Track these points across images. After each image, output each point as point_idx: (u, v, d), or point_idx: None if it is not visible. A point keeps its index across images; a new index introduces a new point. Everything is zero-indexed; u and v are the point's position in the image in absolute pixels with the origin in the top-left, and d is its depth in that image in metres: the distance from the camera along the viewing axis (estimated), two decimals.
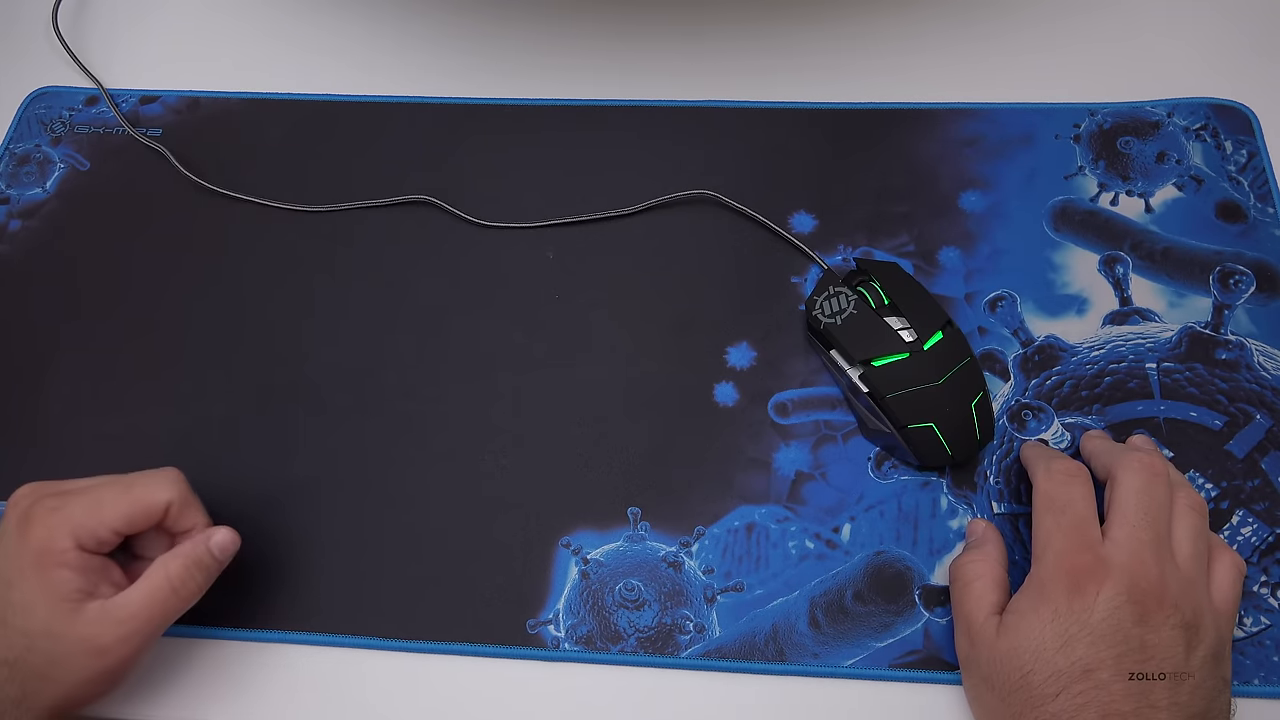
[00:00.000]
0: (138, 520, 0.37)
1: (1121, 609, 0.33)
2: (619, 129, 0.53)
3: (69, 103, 0.56)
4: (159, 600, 0.36)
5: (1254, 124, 0.50)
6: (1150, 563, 0.34)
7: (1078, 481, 0.37)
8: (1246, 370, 0.44)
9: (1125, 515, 0.36)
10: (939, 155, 0.51)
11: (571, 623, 0.41)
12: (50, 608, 0.35)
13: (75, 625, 0.35)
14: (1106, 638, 0.33)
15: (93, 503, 0.36)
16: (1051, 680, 0.33)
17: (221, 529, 0.38)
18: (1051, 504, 0.37)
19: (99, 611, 0.35)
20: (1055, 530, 0.36)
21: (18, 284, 0.50)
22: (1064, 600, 0.34)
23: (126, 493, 0.37)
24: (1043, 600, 0.35)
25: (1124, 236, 0.48)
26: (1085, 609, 0.34)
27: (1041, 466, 0.39)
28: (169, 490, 0.37)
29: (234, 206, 0.52)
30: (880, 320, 0.43)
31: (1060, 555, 0.35)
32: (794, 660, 0.40)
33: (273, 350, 0.48)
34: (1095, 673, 0.33)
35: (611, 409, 0.45)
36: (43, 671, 0.35)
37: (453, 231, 0.50)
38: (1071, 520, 0.36)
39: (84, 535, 0.36)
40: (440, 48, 0.57)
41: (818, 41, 0.55)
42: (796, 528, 0.42)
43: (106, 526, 0.36)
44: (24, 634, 0.35)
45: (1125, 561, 0.34)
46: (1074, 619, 0.34)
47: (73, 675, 0.35)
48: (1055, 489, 0.37)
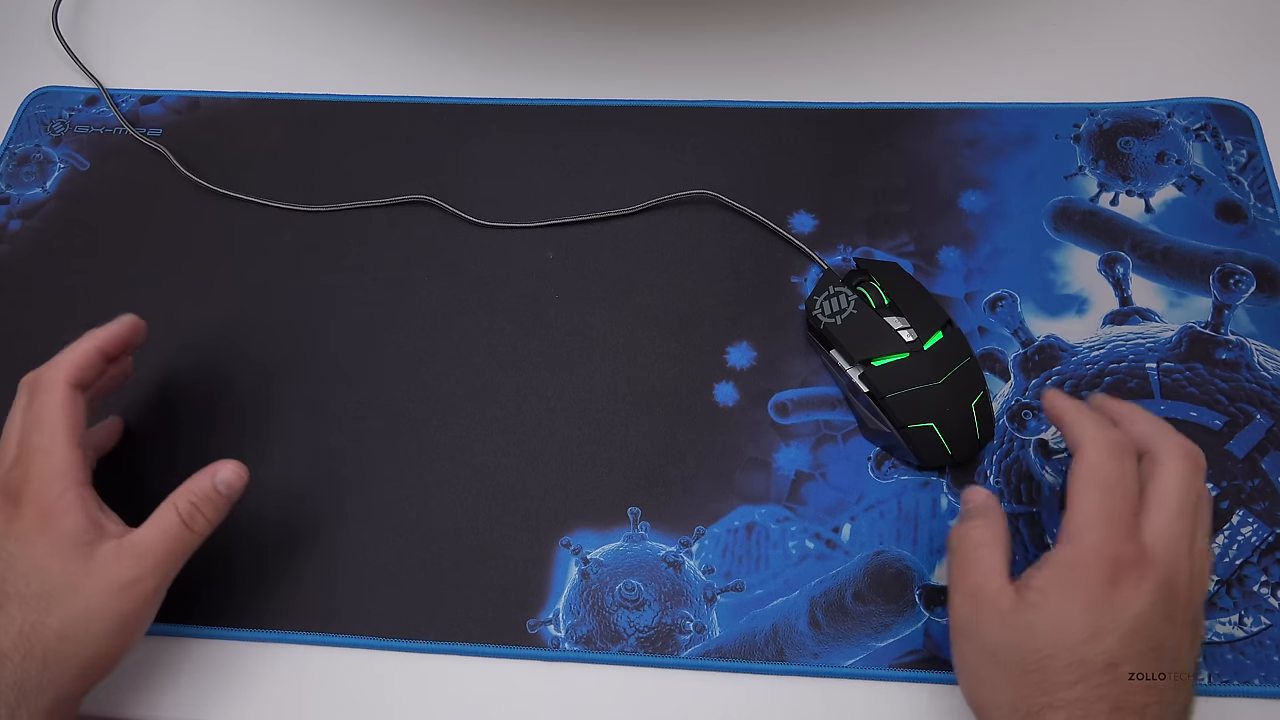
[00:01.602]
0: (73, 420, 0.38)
1: (1155, 606, 0.32)
2: (619, 129, 0.53)
3: (69, 103, 0.56)
4: (173, 534, 0.37)
5: (1254, 124, 0.50)
6: (1183, 559, 0.33)
7: (1129, 458, 0.35)
8: (1246, 370, 0.44)
9: (1168, 506, 0.34)
10: (939, 155, 0.51)
11: (571, 623, 0.41)
12: (63, 559, 0.35)
13: (93, 568, 0.35)
14: (1136, 634, 0.32)
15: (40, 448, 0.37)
16: (1072, 668, 0.32)
17: (227, 464, 0.39)
18: (1101, 480, 0.34)
19: (115, 549, 0.36)
20: (1100, 511, 0.34)
21: (18, 284, 0.50)
22: (1100, 591, 0.33)
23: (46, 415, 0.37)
24: (1076, 586, 0.33)
25: (1124, 236, 0.48)
26: (1122, 604, 0.32)
27: (1089, 432, 0.35)
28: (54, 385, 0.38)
29: (234, 206, 0.52)
30: (880, 320, 0.43)
31: (1103, 541, 0.33)
32: (794, 660, 0.40)
33: (272, 350, 0.48)
34: (1119, 667, 0.32)
35: (611, 409, 0.45)
36: (63, 632, 0.35)
37: (453, 231, 0.50)
38: (1119, 504, 0.34)
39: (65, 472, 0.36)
40: (440, 48, 0.57)
41: (817, 41, 0.55)
42: (796, 528, 0.42)
43: (65, 450, 0.37)
44: (39, 597, 0.35)
45: (1165, 557, 0.33)
46: (1108, 613, 0.32)
47: (97, 624, 0.35)
48: (1107, 463, 0.34)
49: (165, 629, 0.41)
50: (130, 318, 0.41)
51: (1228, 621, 0.39)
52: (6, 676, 0.34)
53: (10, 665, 0.34)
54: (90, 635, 0.35)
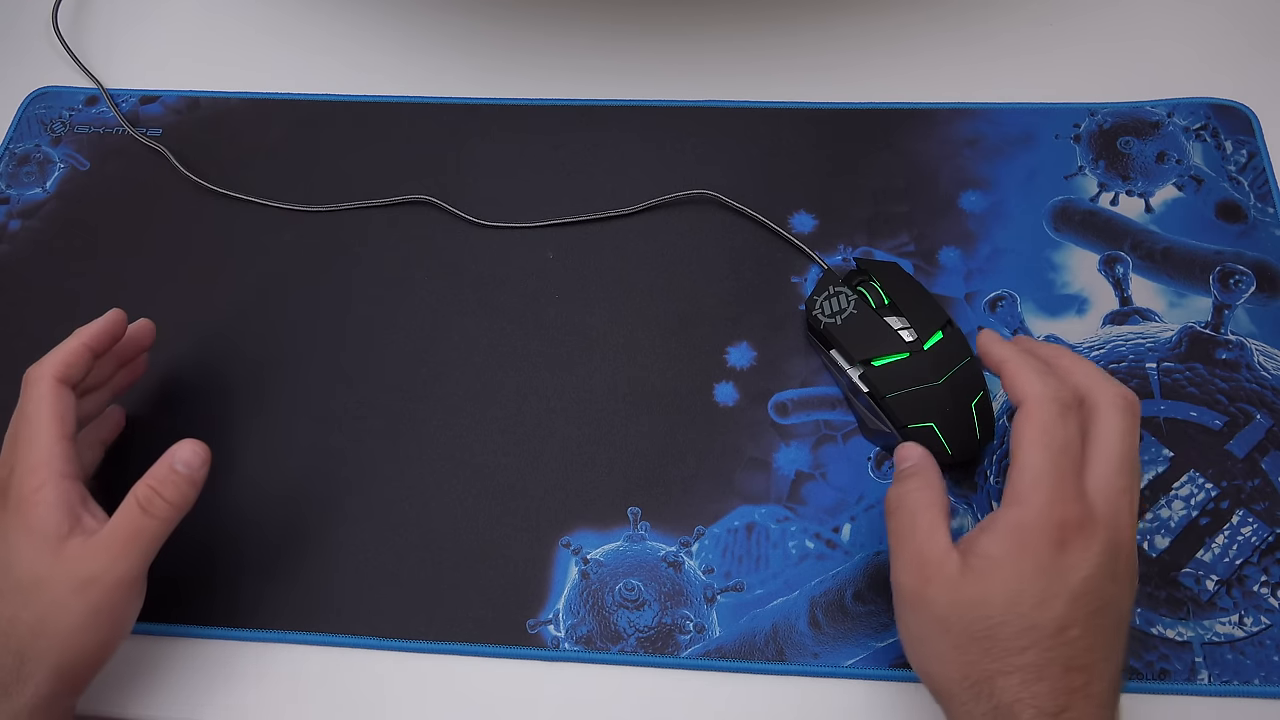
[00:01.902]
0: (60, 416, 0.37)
1: (1102, 568, 0.32)
2: (619, 129, 0.53)
3: (69, 103, 0.56)
4: (134, 523, 0.36)
5: (1254, 124, 0.50)
6: (1125, 514, 0.33)
7: (1074, 415, 0.34)
8: (1246, 370, 0.44)
9: (1111, 459, 0.33)
10: (939, 155, 0.51)
11: (571, 623, 0.41)
12: (34, 552, 0.35)
13: (60, 563, 0.35)
14: (1084, 596, 0.32)
15: (24, 440, 0.37)
16: (1023, 634, 0.32)
17: (186, 444, 0.38)
18: (1049, 440, 0.33)
19: (81, 544, 0.35)
20: (1049, 473, 0.33)
21: (18, 284, 0.50)
22: (1050, 555, 0.32)
23: (32, 417, 0.37)
24: (1025, 550, 0.32)
25: (1124, 236, 0.48)
26: (1071, 568, 0.32)
27: (1035, 388, 0.34)
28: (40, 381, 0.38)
29: (234, 206, 0.52)
30: (880, 320, 0.43)
31: (1051, 504, 0.32)
32: (794, 660, 0.40)
33: (272, 350, 0.48)
34: (1068, 630, 0.32)
35: (611, 409, 0.45)
36: (35, 628, 0.34)
37: (453, 231, 0.50)
38: (1067, 463, 0.33)
39: (49, 465, 0.36)
40: (440, 48, 0.57)
41: (817, 41, 0.55)
42: (796, 528, 0.42)
43: (51, 443, 0.37)
44: (13, 591, 0.35)
45: (1109, 515, 0.33)
46: (1057, 577, 0.32)
47: (64, 621, 0.35)
48: (1054, 422, 0.33)
49: (165, 629, 0.41)
50: (116, 312, 0.41)
51: (1228, 621, 0.39)
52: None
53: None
54: (61, 632, 0.35)
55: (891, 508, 0.36)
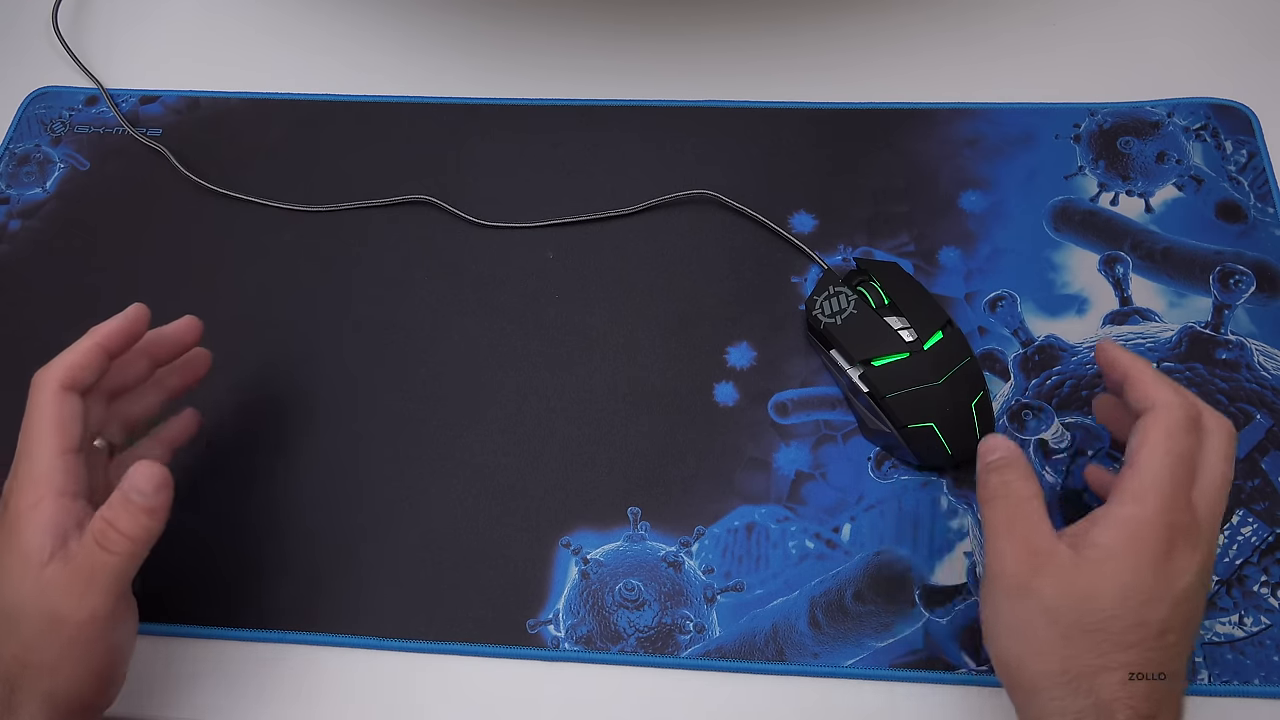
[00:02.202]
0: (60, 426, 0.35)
1: (1200, 576, 0.33)
2: (619, 129, 0.53)
3: (69, 103, 0.56)
4: (90, 561, 0.33)
5: (1254, 124, 0.50)
6: (1217, 530, 0.34)
7: (1195, 429, 0.34)
8: (1246, 370, 0.44)
9: (1215, 477, 0.34)
10: (939, 155, 0.51)
11: (571, 623, 0.41)
12: (19, 577, 0.33)
13: (36, 593, 0.33)
14: (1183, 604, 0.32)
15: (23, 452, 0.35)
16: (1132, 630, 0.32)
17: (138, 469, 0.35)
18: (1173, 445, 0.33)
19: (54, 574, 0.33)
20: (1170, 475, 0.33)
21: (18, 284, 0.50)
22: (1160, 555, 0.32)
23: (30, 426, 0.36)
24: (1138, 547, 0.32)
25: (1124, 236, 0.48)
26: (1179, 571, 0.32)
27: (1168, 395, 0.34)
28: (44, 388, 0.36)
29: (234, 206, 0.52)
30: (880, 320, 0.43)
31: (1167, 506, 0.32)
32: (794, 660, 0.40)
33: (272, 350, 0.48)
34: (1168, 634, 0.32)
35: (611, 409, 0.45)
36: (21, 657, 0.33)
37: (453, 231, 0.50)
38: (1187, 471, 0.33)
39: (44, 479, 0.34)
40: (440, 48, 0.57)
41: (817, 41, 0.55)
42: (796, 528, 0.42)
43: (49, 456, 0.35)
44: (17, 616, 0.33)
45: (1209, 527, 0.33)
46: (1164, 581, 0.32)
47: (44, 656, 0.33)
48: (1183, 432, 0.34)
49: (164, 629, 0.41)
50: (137, 308, 0.39)
51: (1228, 621, 0.39)
52: None
53: None
54: (44, 665, 0.33)
55: (990, 496, 0.35)
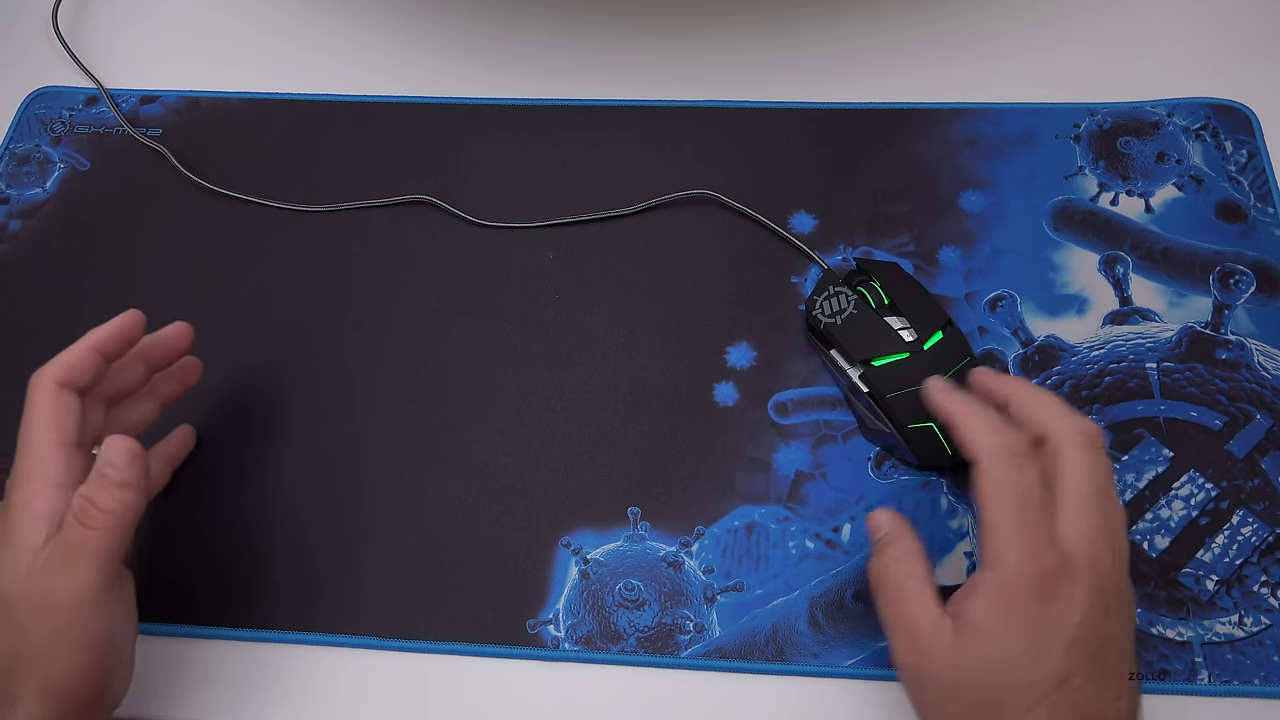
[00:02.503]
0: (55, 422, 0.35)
1: (1092, 608, 0.32)
2: (619, 129, 0.53)
3: (69, 103, 0.56)
4: (72, 539, 0.34)
5: (1254, 124, 0.50)
6: (1105, 551, 0.33)
7: (1030, 463, 0.34)
8: (1246, 370, 0.44)
9: (1079, 502, 0.33)
10: (939, 155, 0.51)
11: (571, 623, 0.41)
12: (14, 568, 0.33)
13: (31, 580, 0.33)
14: (1079, 642, 0.32)
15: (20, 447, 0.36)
16: (1026, 694, 0.31)
17: (109, 441, 0.35)
18: (1009, 494, 0.33)
19: (39, 561, 0.33)
20: (1018, 527, 0.32)
21: (18, 284, 0.50)
22: (1036, 610, 0.32)
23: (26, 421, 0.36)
24: (1011, 612, 0.32)
25: (1124, 236, 0.48)
26: (1059, 616, 0.32)
27: (984, 441, 0.34)
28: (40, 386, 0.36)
29: (234, 206, 0.52)
30: (880, 320, 0.43)
31: (1026, 558, 0.32)
32: (794, 660, 0.40)
33: (272, 350, 0.48)
34: (1070, 680, 0.31)
35: (611, 409, 0.45)
36: (13, 648, 0.33)
37: (453, 231, 0.50)
38: (1033, 515, 0.33)
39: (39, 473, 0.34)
40: (440, 48, 0.57)
41: (817, 41, 0.55)
42: (796, 528, 0.42)
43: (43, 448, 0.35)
44: (10, 606, 0.33)
45: (1086, 556, 0.32)
46: (1048, 629, 0.32)
47: (34, 644, 0.33)
48: (1010, 474, 0.33)
49: (164, 629, 0.41)
50: (132, 314, 0.39)
51: (1228, 621, 0.39)
52: None
53: None
54: (35, 655, 0.33)
55: (875, 583, 0.36)
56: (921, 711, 0.35)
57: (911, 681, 0.34)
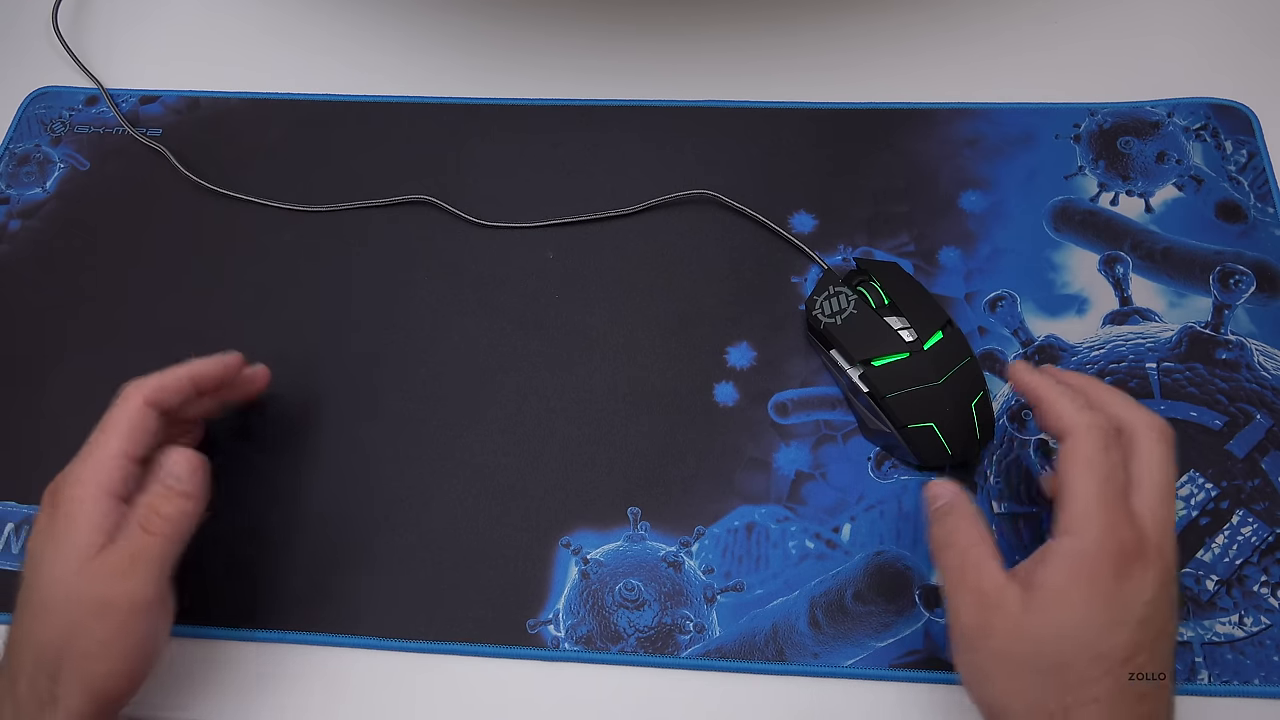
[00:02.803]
0: (133, 435, 0.37)
1: (1162, 591, 0.32)
2: (619, 129, 0.53)
3: (69, 103, 0.56)
4: (136, 543, 0.35)
5: (1254, 124, 0.50)
6: (1174, 540, 0.33)
7: (1117, 444, 0.34)
8: (1246, 370, 0.44)
9: (1156, 486, 0.34)
10: (939, 155, 0.51)
11: (571, 623, 0.41)
12: (68, 570, 0.34)
13: (81, 583, 0.34)
14: (1148, 622, 0.32)
15: (89, 449, 0.37)
16: (1095, 664, 0.32)
17: (170, 453, 0.37)
18: (1095, 467, 0.33)
19: (100, 563, 0.35)
20: (1101, 500, 0.33)
21: (18, 284, 0.50)
22: (1112, 583, 0.32)
23: (105, 427, 0.37)
24: (1088, 579, 0.32)
25: (1124, 236, 0.48)
26: (1133, 594, 0.32)
27: (1078, 419, 0.35)
28: (130, 400, 0.38)
29: (234, 206, 0.52)
30: (880, 320, 0.43)
31: (1108, 530, 0.32)
32: (794, 660, 0.40)
33: (273, 350, 0.48)
34: (1136, 657, 0.32)
35: (611, 409, 0.45)
36: (62, 648, 0.34)
37: (453, 231, 0.50)
38: (1116, 490, 0.33)
39: (101, 480, 0.36)
40: (441, 48, 0.57)
41: (817, 41, 0.55)
42: (796, 528, 0.42)
43: (112, 458, 0.36)
44: (50, 610, 0.34)
45: (1159, 541, 0.33)
46: (1122, 605, 0.32)
47: (87, 644, 0.34)
48: (1101, 452, 0.34)
49: None
50: (236, 358, 0.42)
51: (1228, 621, 0.39)
52: (24, 690, 0.34)
53: (27, 680, 0.34)
54: (85, 654, 0.34)
55: (940, 544, 0.36)
56: (974, 681, 0.34)
57: (968, 646, 0.34)
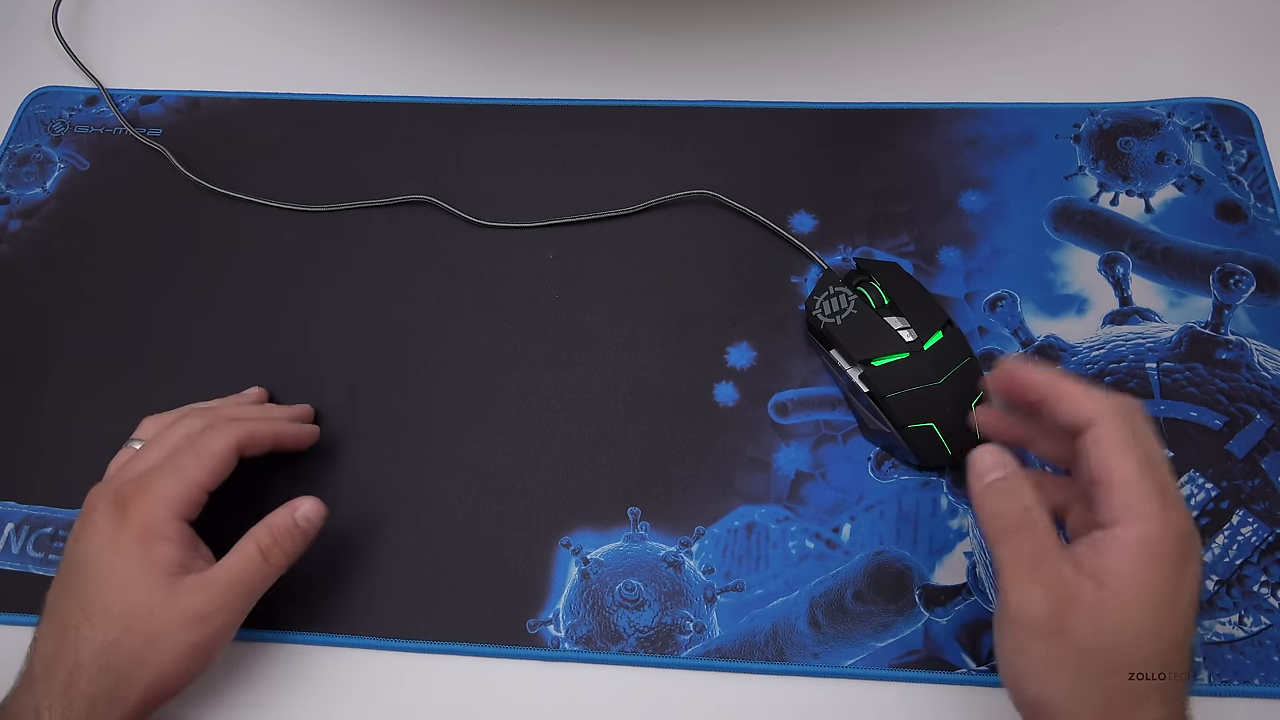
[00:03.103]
0: (219, 472, 0.39)
1: (1201, 579, 0.32)
2: (619, 129, 0.53)
3: (69, 103, 0.56)
4: (251, 568, 0.37)
5: (1254, 124, 0.50)
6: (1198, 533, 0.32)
7: (1145, 425, 0.33)
8: (1246, 370, 0.44)
9: (1175, 481, 0.33)
10: (939, 155, 0.51)
11: (571, 623, 0.41)
12: (150, 583, 0.36)
13: (174, 597, 0.36)
14: (1192, 610, 0.31)
15: (174, 471, 0.38)
16: (1160, 655, 0.30)
17: (307, 499, 0.40)
18: (1139, 449, 0.32)
19: (197, 581, 0.36)
20: (1153, 483, 0.31)
21: (18, 284, 0.50)
22: (1174, 570, 0.31)
23: (198, 455, 0.38)
24: (1157, 568, 0.31)
25: (1124, 236, 0.48)
26: (1188, 580, 0.31)
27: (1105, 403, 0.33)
28: (227, 437, 0.39)
29: (234, 206, 0.52)
30: (880, 320, 0.43)
31: (1168, 514, 0.31)
32: (794, 660, 0.40)
33: (272, 350, 0.48)
34: (1184, 647, 0.31)
35: (611, 409, 0.45)
36: (138, 654, 0.35)
37: (453, 231, 0.50)
38: (1163, 471, 0.32)
39: (179, 504, 0.37)
40: (441, 48, 0.57)
41: (817, 41, 0.55)
42: (796, 528, 0.42)
43: (196, 488, 0.38)
44: (123, 615, 0.35)
45: (1196, 534, 0.32)
46: (1181, 591, 0.31)
47: (168, 652, 0.35)
48: (1139, 431, 0.32)
49: None
50: (315, 432, 0.44)
51: (1228, 621, 0.39)
52: (82, 688, 0.34)
53: (87, 678, 0.35)
54: (161, 661, 0.35)
55: (1001, 530, 0.33)
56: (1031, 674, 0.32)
57: (1036, 639, 0.31)
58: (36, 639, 0.36)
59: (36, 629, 0.36)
